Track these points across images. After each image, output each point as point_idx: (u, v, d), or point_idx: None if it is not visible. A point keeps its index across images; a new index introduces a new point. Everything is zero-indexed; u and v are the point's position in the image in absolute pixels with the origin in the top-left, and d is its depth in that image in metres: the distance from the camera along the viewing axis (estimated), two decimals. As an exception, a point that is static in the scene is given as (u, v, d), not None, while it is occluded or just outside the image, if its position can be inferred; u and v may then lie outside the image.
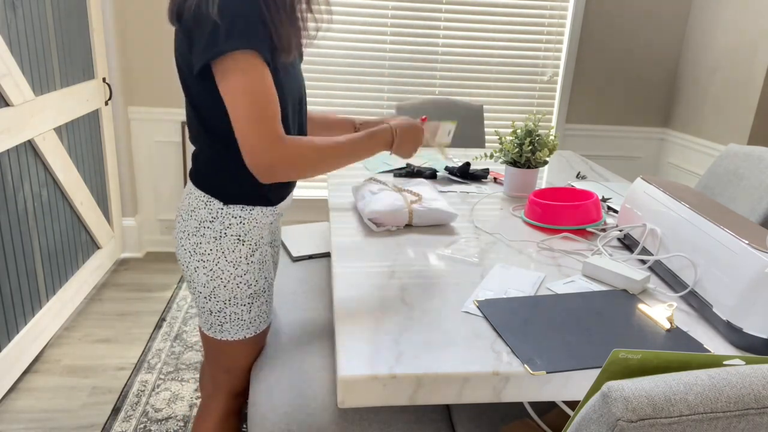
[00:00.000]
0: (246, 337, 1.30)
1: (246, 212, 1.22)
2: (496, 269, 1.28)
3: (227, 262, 1.22)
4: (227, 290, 1.24)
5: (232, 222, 1.21)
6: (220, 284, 1.23)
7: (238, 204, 1.21)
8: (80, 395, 2.07)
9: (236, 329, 1.28)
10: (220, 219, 1.21)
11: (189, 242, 1.22)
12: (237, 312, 1.26)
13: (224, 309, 1.25)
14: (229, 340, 1.29)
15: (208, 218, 1.21)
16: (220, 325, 1.27)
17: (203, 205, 1.21)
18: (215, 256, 1.21)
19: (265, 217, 1.26)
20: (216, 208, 1.20)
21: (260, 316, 1.30)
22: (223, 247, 1.21)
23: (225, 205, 1.20)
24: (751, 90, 2.71)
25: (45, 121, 2.27)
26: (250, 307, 1.27)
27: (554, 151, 1.97)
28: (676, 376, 0.65)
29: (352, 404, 0.92)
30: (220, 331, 1.28)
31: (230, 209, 1.21)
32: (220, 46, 1.03)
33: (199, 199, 1.21)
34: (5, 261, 2.03)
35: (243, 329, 1.28)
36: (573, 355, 0.97)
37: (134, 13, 2.88)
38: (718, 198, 1.95)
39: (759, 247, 1.03)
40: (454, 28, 3.12)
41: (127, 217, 3.14)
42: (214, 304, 1.25)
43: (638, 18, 3.17)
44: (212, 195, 1.20)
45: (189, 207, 1.23)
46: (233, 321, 1.27)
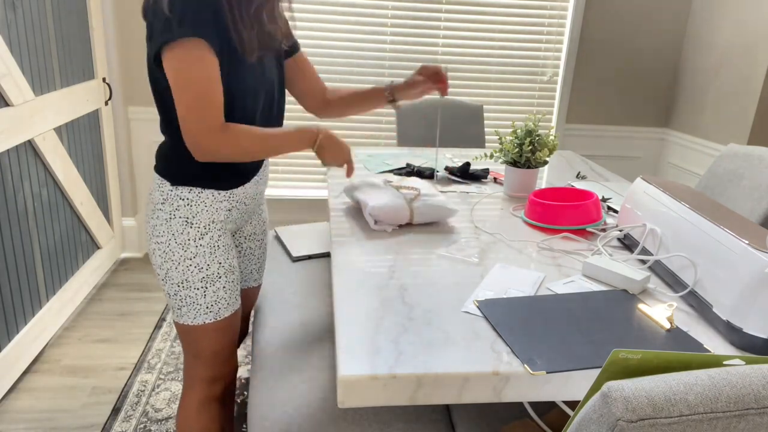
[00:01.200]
0: (205, 323, 1.32)
1: (194, 194, 1.26)
2: (496, 269, 1.28)
3: (177, 244, 1.26)
4: (179, 272, 1.28)
5: (180, 204, 1.26)
6: (172, 266, 1.27)
7: (186, 186, 1.25)
8: (80, 395, 2.07)
9: (194, 313, 1.31)
10: (170, 201, 1.26)
11: (148, 225, 1.29)
12: (191, 296, 1.29)
13: (179, 292, 1.29)
14: (189, 325, 1.32)
15: (160, 200, 1.26)
16: (178, 309, 1.31)
17: (157, 187, 1.27)
18: (167, 237, 1.26)
19: (217, 202, 1.28)
20: (166, 190, 1.26)
21: (218, 302, 1.32)
22: (173, 228, 1.26)
23: (173, 187, 1.25)
24: (751, 90, 2.71)
25: (45, 121, 2.27)
26: (205, 292, 1.30)
27: (554, 151, 1.97)
28: (676, 376, 0.65)
29: (352, 404, 0.92)
30: (180, 315, 1.32)
31: (178, 191, 1.25)
32: (170, 33, 1.10)
33: (155, 182, 1.28)
34: (5, 261, 2.03)
35: (201, 314, 1.31)
36: (573, 355, 0.97)
37: (134, 13, 2.88)
38: (718, 198, 1.95)
39: (759, 247, 1.03)
40: (454, 28, 3.12)
41: (127, 217, 3.14)
42: (170, 286, 1.30)
43: (638, 18, 3.17)
44: (163, 176, 1.26)
45: (150, 189, 1.30)
46: (189, 305, 1.30)
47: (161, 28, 1.10)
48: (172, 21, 1.09)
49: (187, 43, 1.11)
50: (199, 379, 1.38)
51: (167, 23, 1.10)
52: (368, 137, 3.26)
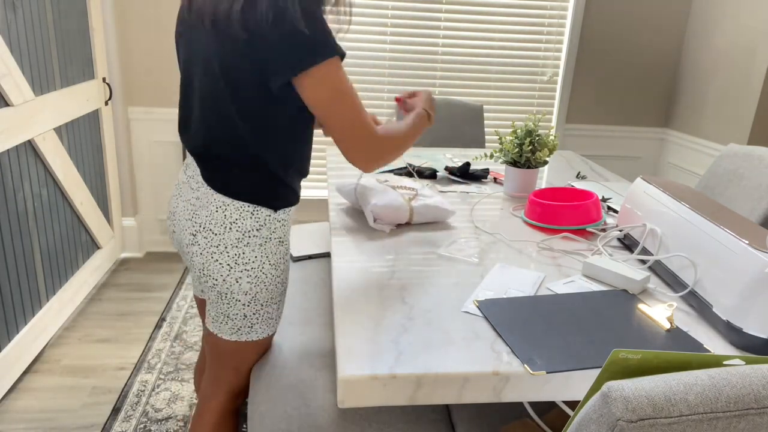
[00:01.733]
0: (269, 335, 1.32)
1: (287, 215, 1.26)
2: (496, 269, 1.28)
3: (271, 266, 1.23)
4: (268, 292, 1.25)
5: (277, 226, 1.23)
6: (263, 288, 1.23)
7: (285, 208, 1.24)
8: (80, 395, 2.07)
9: (264, 327, 1.28)
10: (267, 225, 1.21)
11: (227, 255, 1.19)
12: (269, 311, 1.27)
13: (260, 311, 1.25)
14: (254, 340, 1.29)
15: (255, 227, 1.20)
16: (250, 327, 1.26)
17: (248, 215, 1.19)
18: (260, 262, 1.21)
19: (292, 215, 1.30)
20: (263, 216, 1.20)
21: (281, 311, 1.33)
22: (267, 251, 1.22)
23: (274, 212, 1.22)
24: (751, 90, 2.71)
25: (45, 121, 2.27)
26: (279, 304, 1.30)
27: (554, 151, 1.97)
28: (676, 376, 0.65)
29: (352, 404, 0.92)
30: (248, 333, 1.27)
31: (277, 215, 1.23)
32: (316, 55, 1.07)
33: (242, 209, 1.19)
34: (5, 261, 2.03)
35: (271, 326, 1.30)
36: (573, 355, 0.97)
37: (134, 13, 2.88)
38: (718, 198, 1.95)
39: (759, 247, 1.03)
40: (454, 28, 3.12)
41: (127, 217, 3.14)
42: (251, 308, 1.24)
43: (638, 18, 3.17)
44: (261, 204, 1.20)
45: (226, 220, 1.19)
46: (264, 320, 1.27)
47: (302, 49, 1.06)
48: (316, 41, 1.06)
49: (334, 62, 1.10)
50: (228, 391, 1.37)
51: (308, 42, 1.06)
52: (368, 137, 3.26)
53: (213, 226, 1.19)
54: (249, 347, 1.30)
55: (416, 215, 1.50)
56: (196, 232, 1.21)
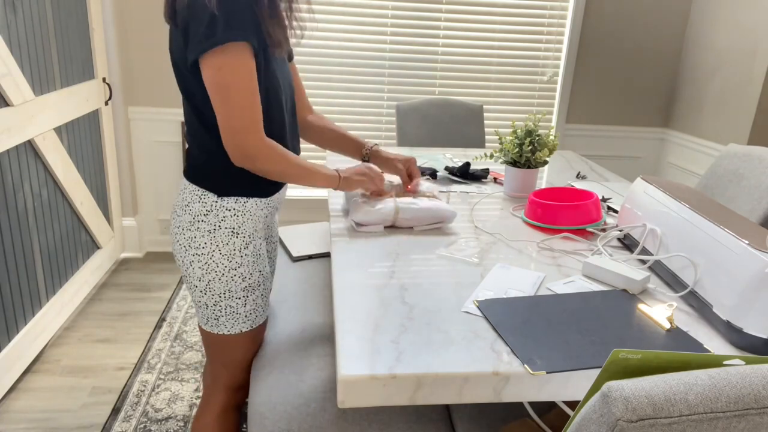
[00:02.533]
0: (242, 331, 1.31)
1: (240, 204, 1.24)
2: (496, 269, 1.28)
3: (221, 255, 1.24)
4: (222, 283, 1.25)
5: (226, 215, 1.24)
6: (215, 277, 1.25)
7: (233, 196, 1.24)
8: (80, 395, 2.07)
9: (232, 323, 1.29)
10: (215, 212, 1.23)
11: (184, 237, 1.25)
12: (232, 305, 1.28)
13: (219, 302, 1.27)
14: (225, 334, 1.30)
15: (203, 212, 1.23)
16: (216, 319, 1.29)
17: (197, 199, 1.24)
18: (210, 249, 1.23)
19: (259, 210, 1.28)
20: (210, 201, 1.23)
21: (256, 310, 1.32)
22: (217, 240, 1.23)
23: (219, 198, 1.23)
24: (751, 90, 2.71)
25: (45, 121, 2.27)
26: (245, 301, 1.29)
27: (554, 151, 1.97)
28: (676, 376, 0.65)
29: (352, 404, 0.92)
30: (216, 325, 1.30)
31: (224, 202, 1.23)
32: (216, 37, 1.07)
33: (194, 193, 1.24)
34: (5, 261, 2.03)
35: (239, 323, 1.30)
36: (573, 355, 0.97)
37: (134, 13, 2.88)
38: (718, 198, 1.95)
39: (759, 247, 1.03)
40: (454, 28, 3.12)
41: (127, 217, 3.14)
42: (209, 297, 1.27)
43: (638, 18, 3.17)
44: (207, 188, 1.23)
45: (183, 202, 1.25)
46: (229, 314, 1.29)
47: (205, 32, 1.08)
48: (217, 24, 1.07)
49: (232, 48, 1.09)
50: (225, 387, 1.38)
51: (210, 27, 1.07)
52: (368, 137, 3.26)
53: (177, 207, 1.27)
54: (226, 342, 1.31)
55: (401, 220, 1.48)
56: (171, 213, 1.30)
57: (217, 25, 1.07)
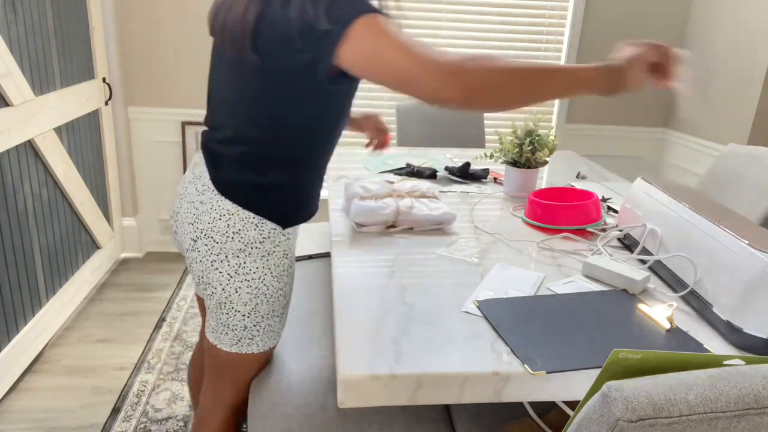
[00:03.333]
0: (270, 347, 1.28)
1: (293, 230, 1.22)
2: (496, 269, 1.28)
3: (272, 278, 1.18)
4: (269, 305, 1.20)
5: (281, 240, 1.18)
6: (264, 300, 1.19)
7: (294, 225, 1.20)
8: (80, 395, 2.07)
9: (266, 340, 1.25)
10: (272, 239, 1.16)
11: (229, 264, 1.15)
12: (271, 324, 1.23)
13: (261, 323, 1.21)
14: (254, 353, 1.25)
15: (258, 239, 1.15)
16: (250, 339, 1.22)
17: (253, 227, 1.14)
18: (261, 273, 1.17)
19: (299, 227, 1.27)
20: (268, 229, 1.16)
21: (284, 324, 1.29)
22: (270, 264, 1.17)
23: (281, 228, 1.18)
24: (751, 90, 2.71)
25: (45, 121, 2.27)
26: (281, 317, 1.25)
27: (554, 151, 1.97)
28: (676, 376, 0.65)
29: (352, 404, 0.92)
30: (249, 345, 1.23)
31: (286, 230, 1.19)
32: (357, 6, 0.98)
33: (248, 220, 1.14)
34: (5, 261, 2.03)
35: (272, 339, 1.26)
36: (573, 355, 0.97)
37: (134, 13, 2.88)
38: (718, 198, 1.95)
39: (759, 247, 1.03)
40: (454, 28, 3.12)
41: (127, 217, 3.14)
42: (251, 320, 1.20)
43: (638, 18, 3.17)
44: (268, 218, 1.16)
45: (229, 229, 1.14)
46: (266, 332, 1.24)
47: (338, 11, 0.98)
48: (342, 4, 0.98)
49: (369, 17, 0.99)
50: (229, 405, 1.33)
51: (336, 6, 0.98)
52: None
53: (214, 234, 1.14)
54: (249, 360, 1.26)
55: (402, 221, 1.48)
56: (196, 238, 1.16)
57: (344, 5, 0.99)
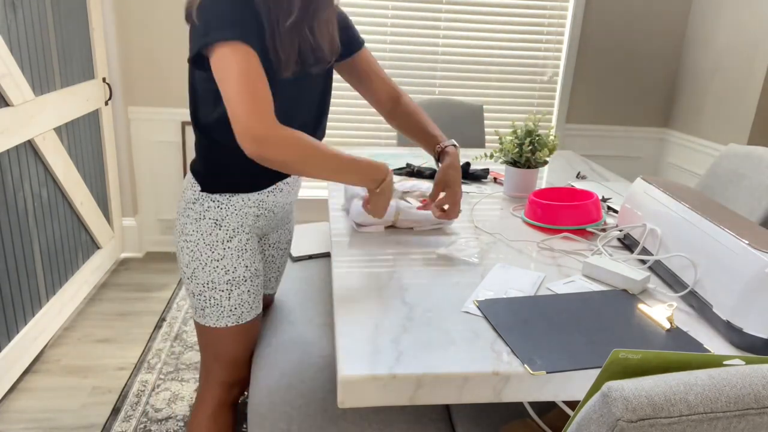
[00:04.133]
0: (228, 326, 1.32)
1: (224, 198, 1.27)
2: (496, 269, 1.28)
3: (205, 245, 1.27)
4: (205, 273, 1.28)
5: (210, 205, 1.27)
6: (199, 266, 1.28)
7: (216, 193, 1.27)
8: (80, 395, 2.07)
9: (217, 315, 1.31)
10: (200, 201, 1.27)
11: (179, 222, 1.30)
12: (216, 297, 1.30)
13: (204, 292, 1.29)
14: (212, 327, 1.32)
15: (192, 199, 1.28)
16: (202, 310, 1.32)
17: (190, 186, 1.29)
18: (195, 237, 1.27)
19: (246, 207, 1.29)
20: (198, 190, 1.28)
21: (241, 306, 1.32)
22: (202, 229, 1.27)
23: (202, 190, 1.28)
24: (751, 90, 2.71)
25: (45, 121, 2.27)
26: (230, 294, 1.30)
27: (554, 151, 1.97)
28: (676, 376, 0.65)
29: (352, 404, 0.92)
30: (203, 316, 1.32)
31: (209, 194, 1.28)
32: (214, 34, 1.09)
33: (189, 180, 1.30)
34: (5, 261, 2.03)
35: (224, 317, 1.31)
36: (573, 355, 0.97)
37: (134, 13, 2.88)
38: (718, 198, 1.95)
39: (759, 247, 1.03)
40: (454, 28, 3.12)
41: (127, 217, 3.14)
42: (195, 286, 1.30)
43: (638, 18, 3.17)
44: (197, 179, 1.29)
45: (183, 188, 1.32)
46: (213, 306, 1.30)
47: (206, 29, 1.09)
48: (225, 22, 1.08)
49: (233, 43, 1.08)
50: (218, 383, 1.38)
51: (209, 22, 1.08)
52: (368, 137, 3.26)
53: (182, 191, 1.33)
54: (214, 335, 1.33)
55: (402, 222, 1.48)
56: None
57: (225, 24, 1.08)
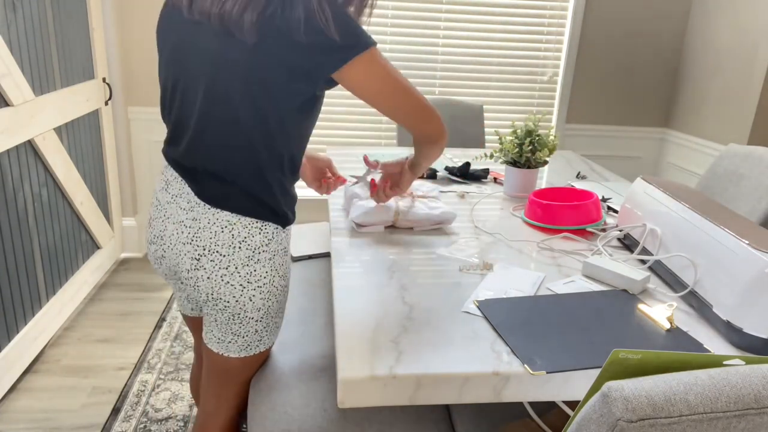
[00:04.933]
0: (275, 341, 1.28)
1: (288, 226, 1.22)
2: (496, 269, 1.28)
3: (280, 278, 1.19)
4: (278, 304, 1.21)
5: (283, 238, 1.19)
6: (275, 301, 1.19)
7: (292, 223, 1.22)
8: (80, 395, 2.07)
9: (272, 336, 1.24)
10: (276, 239, 1.17)
11: (239, 275, 1.13)
12: (278, 321, 1.23)
13: (270, 323, 1.21)
14: (261, 352, 1.24)
15: (264, 242, 1.14)
16: (259, 341, 1.22)
17: (257, 231, 1.14)
18: (271, 277, 1.17)
19: None
20: (272, 231, 1.16)
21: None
22: (276, 264, 1.17)
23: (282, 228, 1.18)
24: (751, 90, 2.71)
25: (45, 121, 2.27)
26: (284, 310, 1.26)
27: (554, 151, 1.97)
28: (676, 376, 0.65)
29: (352, 404, 0.92)
30: (258, 346, 1.22)
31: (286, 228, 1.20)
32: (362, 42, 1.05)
33: (251, 226, 1.13)
34: (5, 261, 2.03)
35: (274, 334, 1.26)
36: (573, 355, 0.97)
37: (134, 13, 2.88)
38: (718, 198, 1.95)
39: (759, 247, 1.03)
40: (454, 28, 3.12)
41: (127, 217, 3.14)
42: (263, 323, 1.20)
43: (638, 18, 3.17)
44: (269, 220, 1.15)
45: (234, 239, 1.12)
46: (273, 330, 1.23)
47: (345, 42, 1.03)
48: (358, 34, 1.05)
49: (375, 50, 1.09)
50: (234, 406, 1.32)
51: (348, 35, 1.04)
52: (368, 137, 3.26)
53: (220, 247, 1.12)
54: (257, 360, 1.26)
55: (402, 222, 1.48)
56: (200, 256, 1.13)
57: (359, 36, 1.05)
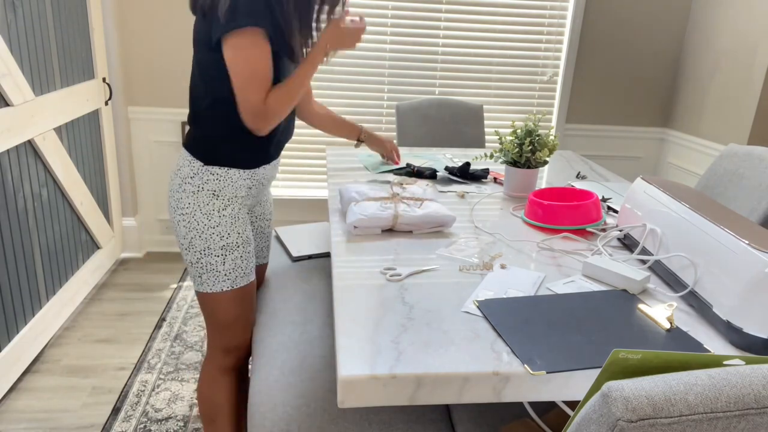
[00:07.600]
0: (224, 290, 1.42)
1: (223, 171, 1.38)
2: (496, 269, 1.28)
3: (202, 214, 1.38)
4: (202, 240, 1.38)
5: (209, 178, 1.38)
6: (196, 235, 1.38)
7: (216, 166, 1.38)
8: (80, 395, 2.07)
9: (213, 281, 1.41)
10: (200, 175, 1.37)
11: (173, 198, 1.40)
12: (212, 263, 1.40)
13: (201, 259, 1.40)
14: (209, 292, 1.42)
15: (190, 174, 1.38)
16: (199, 277, 1.42)
17: (187, 163, 1.38)
18: (192, 208, 1.38)
19: (242, 179, 1.41)
20: (197, 166, 1.37)
21: (235, 270, 1.42)
22: (199, 200, 1.38)
23: (203, 164, 1.37)
24: (751, 90, 2.71)
25: (45, 121, 2.27)
26: (224, 259, 1.41)
27: (554, 151, 1.97)
28: (676, 376, 0.65)
29: (352, 404, 0.92)
30: (201, 284, 1.43)
31: (209, 167, 1.38)
32: (237, 21, 1.24)
33: (185, 158, 1.39)
34: (5, 261, 2.03)
35: (219, 281, 1.42)
36: (573, 355, 0.97)
37: (134, 13, 2.88)
38: (718, 198, 1.95)
39: (759, 247, 1.03)
40: (454, 28, 3.12)
41: (127, 217, 3.14)
42: (192, 254, 1.40)
43: (638, 18, 3.17)
44: (195, 156, 1.38)
45: (176, 167, 1.41)
46: (209, 272, 1.41)
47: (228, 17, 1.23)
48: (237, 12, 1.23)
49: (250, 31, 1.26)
50: (218, 347, 1.50)
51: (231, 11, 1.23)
52: (368, 137, 3.26)
53: (172, 172, 1.43)
54: (211, 301, 1.43)
55: (400, 225, 1.48)
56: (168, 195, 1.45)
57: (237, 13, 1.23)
